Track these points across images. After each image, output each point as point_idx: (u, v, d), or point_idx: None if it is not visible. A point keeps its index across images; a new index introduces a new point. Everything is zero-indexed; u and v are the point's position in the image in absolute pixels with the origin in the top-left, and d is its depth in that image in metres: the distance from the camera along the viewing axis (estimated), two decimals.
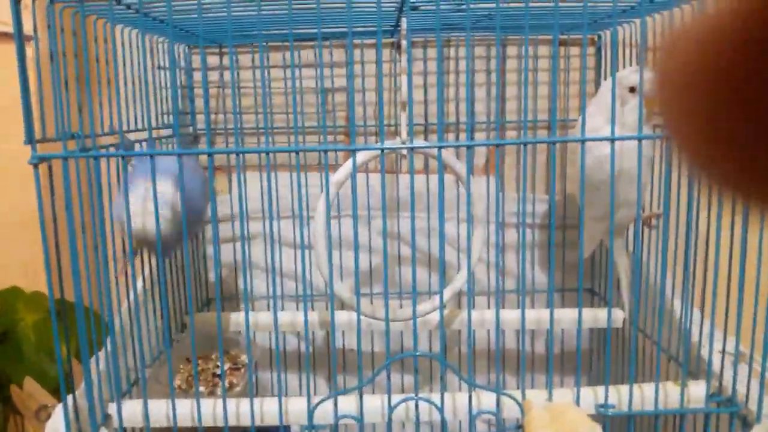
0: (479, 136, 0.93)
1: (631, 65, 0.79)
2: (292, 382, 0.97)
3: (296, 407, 0.58)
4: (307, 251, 0.87)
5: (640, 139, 0.53)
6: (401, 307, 0.92)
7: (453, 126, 0.92)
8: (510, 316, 0.83)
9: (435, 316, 0.81)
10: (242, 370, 0.79)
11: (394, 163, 0.93)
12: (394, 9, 0.65)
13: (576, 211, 0.90)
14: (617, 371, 0.86)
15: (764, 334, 0.54)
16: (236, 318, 0.85)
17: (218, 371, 0.79)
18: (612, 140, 0.53)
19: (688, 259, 0.56)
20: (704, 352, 0.63)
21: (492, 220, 0.92)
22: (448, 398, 0.57)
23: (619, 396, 0.58)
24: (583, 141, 0.53)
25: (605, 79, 0.86)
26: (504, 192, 0.94)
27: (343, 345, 0.97)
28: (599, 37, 0.87)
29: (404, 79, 0.69)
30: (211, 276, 0.94)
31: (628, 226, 0.78)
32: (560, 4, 0.67)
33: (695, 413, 0.58)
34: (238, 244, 0.93)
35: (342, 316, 0.83)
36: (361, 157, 0.62)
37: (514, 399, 0.54)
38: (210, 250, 0.93)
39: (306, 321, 0.56)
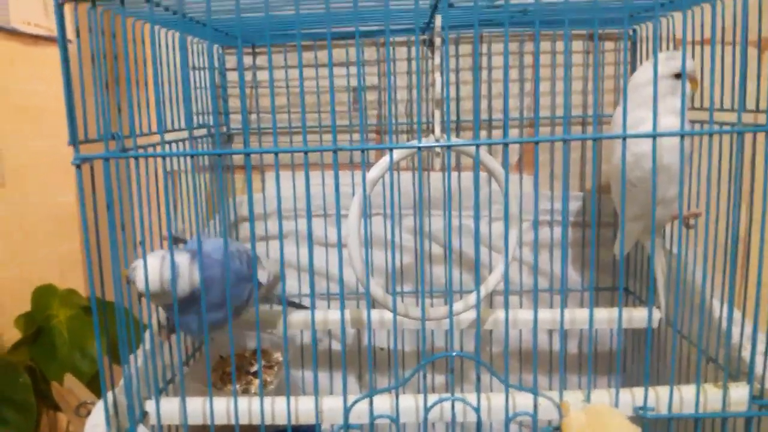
0: (512, 133, 0.92)
1: None
2: (322, 380, 0.98)
3: (332, 406, 0.59)
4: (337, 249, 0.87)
5: (682, 136, 0.52)
6: (432, 305, 0.92)
7: (485, 123, 0.91)
8: (542, 315, 0.82)
9: (465, 316, 0.81)
10: (275, 368, 0.80)
11: (426, 161, 0.93)
12: (429, 6, 0.65)
13: (609, 209, 0.89)
14: (651, 372, 0.84)
15: None
16: (268, 316, 0.86)
17: (251, 369, 0.80)
18: (654, 137, 0.52)
19: (734, 258, 0.55)
20: (745, 354, 0.61)
21: (526, 218, 0.91)
22: (484, 399, 0.57)
23: (657, 398, 0.57)
24: (624, 137, 0.52)
25: None
26: (537, 189, 0.93)
27: (373, 343, 0.97)
28: (634, 31, 0.86)
29: (438, 76, 0.69)
30: None
31: (666, 225, 0.77)
32: None
33: (737, 416, 0.57)
34: (271, 243, 0.94)
35: (373, 315, 0.83)
36: (396, 155, 0.62)
37: (552, 400, 0.54)
38: None
39: (342, 320, 0.56)
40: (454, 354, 0.53)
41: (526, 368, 0.95)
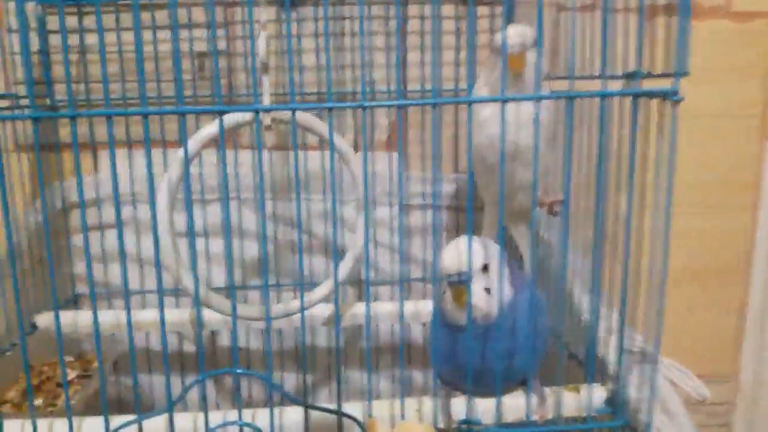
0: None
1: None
2: (176, 385, 0.87)
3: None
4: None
5: (503, 101, 0.44)
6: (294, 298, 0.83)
7: (344, 94, 0.81)
8: (412, 307, 0.75)
9: (317, 311, 0.72)
10: (92, 377, 0.69)
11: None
12: None
13: (480, 192, 0.82)
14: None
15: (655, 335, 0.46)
16: (101, 317, 0.74)
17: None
18: (469, 102, 0.43)
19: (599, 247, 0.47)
20: (603, 353, 0.54)
21: (395, 201, 0.83)
22: (278, 415, 0.48)
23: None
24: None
25: None
26: (408, 171, 0.84)
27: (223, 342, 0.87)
28: None
29: (262, 40, 0.59)
30: (77, 269, 0.83)
31: (530, 211, 0.69)
32: None
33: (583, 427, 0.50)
34: (107, 232, 0.82)
35: (217, 315, 0.73)
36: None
37: (355, 420, 0.45)
38: (75, 240, 0.82)
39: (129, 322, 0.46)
40: (239, 372, 0.44)
41: (397, 363, 0.87)
